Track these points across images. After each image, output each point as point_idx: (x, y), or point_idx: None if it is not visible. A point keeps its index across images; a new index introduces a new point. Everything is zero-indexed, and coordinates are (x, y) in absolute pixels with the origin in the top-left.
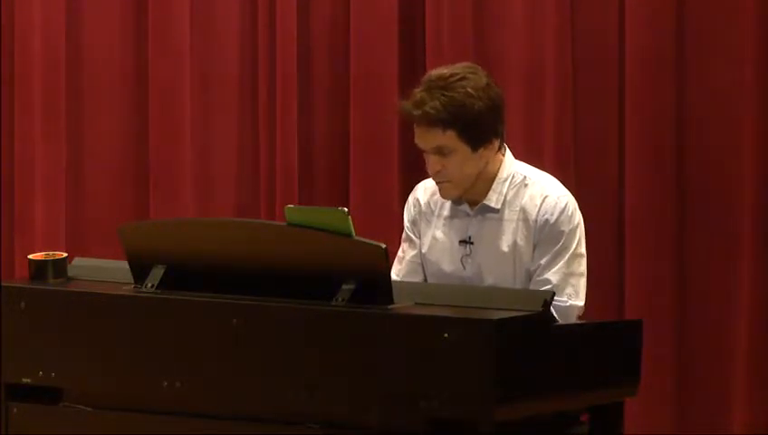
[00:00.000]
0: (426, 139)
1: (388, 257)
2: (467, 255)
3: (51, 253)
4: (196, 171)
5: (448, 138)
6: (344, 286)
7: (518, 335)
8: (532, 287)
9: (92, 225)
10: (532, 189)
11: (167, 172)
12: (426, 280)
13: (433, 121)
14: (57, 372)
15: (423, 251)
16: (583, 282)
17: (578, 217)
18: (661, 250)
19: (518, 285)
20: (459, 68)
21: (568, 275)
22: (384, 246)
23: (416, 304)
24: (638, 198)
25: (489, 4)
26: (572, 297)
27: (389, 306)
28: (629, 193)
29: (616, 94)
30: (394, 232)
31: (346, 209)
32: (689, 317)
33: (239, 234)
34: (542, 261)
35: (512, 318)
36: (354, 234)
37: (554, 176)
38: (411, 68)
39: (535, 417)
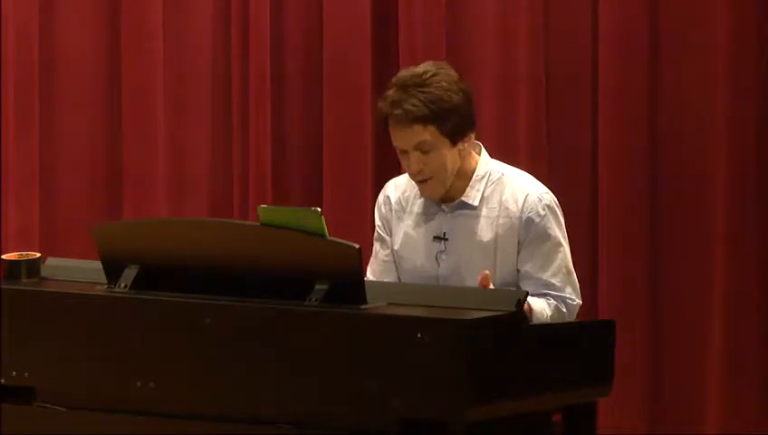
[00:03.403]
0: (406, 137)
1: (361, 258)
2: (442, 251)
3: (24, 253)
4: (169, 171)
5: (429, 133)
6: (317, 286)
7: (491, 336)
8: (527, 286)
9: (66, 225)
10: (512, 186)
11: (140, 172)
12: (399, 279)
13: (414, 119)
14: (31, 372)
15: (395, 248)
16: (576, 278)
17: (561, 214)
18: (635, 249)
19: (499, 279)
20: (428, 66)
21: (567, 274)
22: (357, 246)
23: (389, 304)
24: (611, 197)
25: (462, 6)
26: (574, 295)
27: (362, 306)
28: (603, 193)
29: (589, 95)
30: (367, 232)
31: (319, 209)
32: (663, 316)
33: (212, 234)
34: (536, 262)
35: (484, 318)
36: (327, 234)
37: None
38: (384, 68)
39: (508, 417)
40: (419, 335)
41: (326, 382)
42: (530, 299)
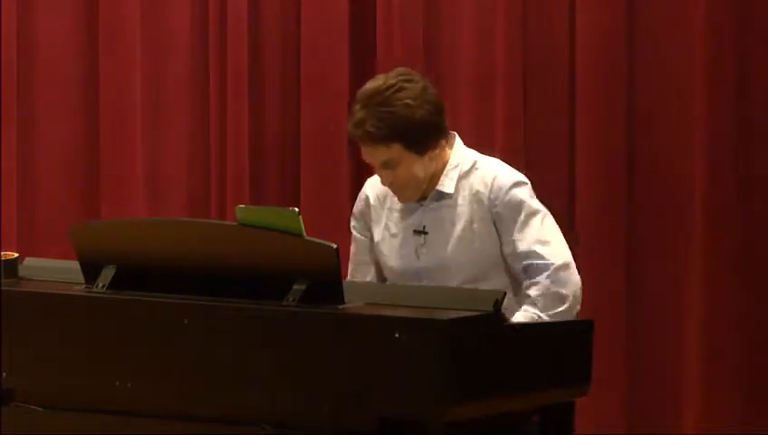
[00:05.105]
0: (372, 155)
1: (339, 257)
2: (422, 245)
3: (2, 253)
4: (147, 171)
5: (394, 151)
6: (295, 286)
7: (469, 335)
8: (515, 265)
9: (44, 225)
10: (483, 171)
11: (118, 172)
12: (379, 271)
13: (376, 139)
14: (9, 372)
15: (376, 240)
16: (563, 241)
17: (531, 189)
18: (612, 250)
19: (481, 269)
20: (394, 78)
21: (548, 242)
22: (335, 246)
23: (367, 304)
24: (588, 197)
25: (439, 5)
26: (560, 256)
27: (340, 306)
28: (580, 195)
29: (566, 95)
30: (345, 231)
31: (297, 209)
32: (641, 317)
33: (190, 234)
34: (516, 235)
35: (463, 318)
36: (305, 234)
37: None
38: (362, 68)
39: (486, 417)
40: (397, 335)
41: (304, 382)
42: (517, 317)
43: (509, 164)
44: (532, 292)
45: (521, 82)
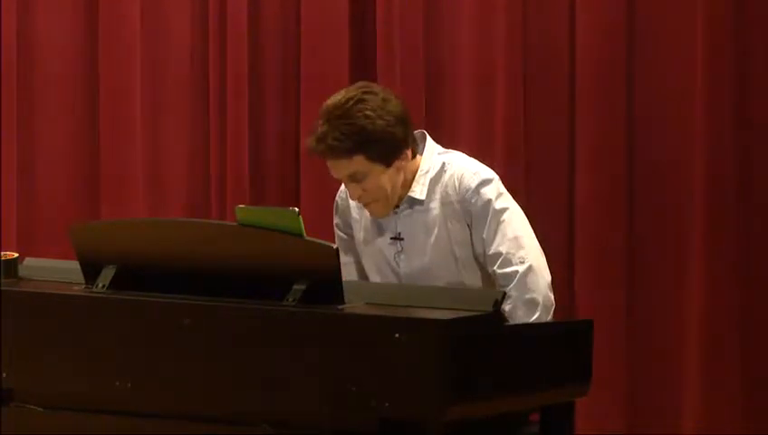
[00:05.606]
0: (337, 169)
1: (339, 257)
2: (399, 251)
3: (2, 253)
4: (147, 171)
5: (358, 163)
6: (295, 286)
7: (469, 336)
8: (488, 267)
9: (44, 225)
10: (450, 172)
11: (118, 172)
12: (360, 269)
13: (338, 152)
14: (8, 373)
15: (360, 238)
16: (529, 238)
17: (500, 186)
18: (611, 250)
19: (462, 269)
20: (354, 91)
21: (514, 240)
22: (335, 246)
23: (366, 304)
24: (588, 198)
25: (439, 5)
26: (525, 259)
27: (340, 307)
28: (579, 194)
29: (567, 95)
30: None
31: (297, 209)
32: (640, 317)
33: (190, 234)
34: (485, 235)
35: (463, 318)
36: (305, 234)
37: (504, 176)
38: (362, 68)
39: (486, 417)
40: (397, 335)
41: (304, 382)
42: None
43: (510, 164)
44: (506, 306)
45: (521, 82)
